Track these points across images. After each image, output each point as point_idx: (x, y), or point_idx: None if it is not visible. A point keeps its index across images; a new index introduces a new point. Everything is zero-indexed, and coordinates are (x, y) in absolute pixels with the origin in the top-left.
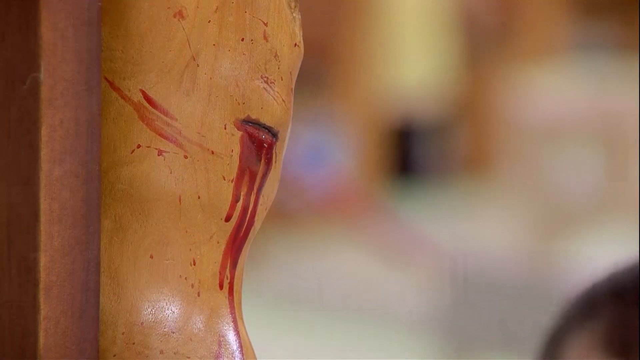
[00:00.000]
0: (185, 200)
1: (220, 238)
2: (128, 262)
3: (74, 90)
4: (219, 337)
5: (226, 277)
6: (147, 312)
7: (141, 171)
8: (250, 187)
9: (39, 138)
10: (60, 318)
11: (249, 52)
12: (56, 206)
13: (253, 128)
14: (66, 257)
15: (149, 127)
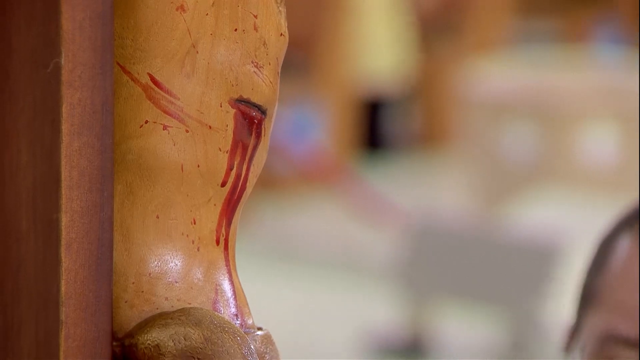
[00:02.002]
0: (186, 169)
1: (217, 201)
2: (137, 222)
3: (90, 73)
4: (215, 286)
5: (222, 235)
6: (154, 265)
7: (149, 143)
8: (243, 157)
9: (60, 115)
10: (79, 270)
11: (241, 41)
12: (75, 173)
13: (245, 106)
14: (84, 218)
15: (155, 106)
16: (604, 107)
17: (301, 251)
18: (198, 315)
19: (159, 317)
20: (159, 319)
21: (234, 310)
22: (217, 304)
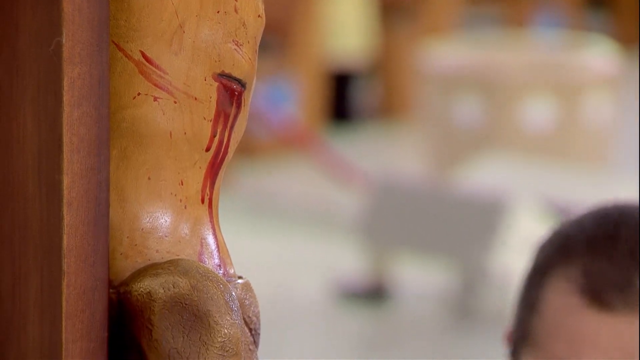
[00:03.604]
0: (174, 135)
1: (202, 164)
2: (131, 183)
3: (88, 50)
4: (201, 239)
5: (206, 194)
6: (146, 221)
7: (141, 113)
8: (225, 125)
9: (61, 87)
10: (79, 225)
11: (223, 22)
12: (75, 139)
13: (227, 80)
14: (83, 179)
15: (146, 79)
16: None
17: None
18: (185, 265)
19: (151, 268)
20: (150, 269)
21: (218, 261)
22: (202, 255)
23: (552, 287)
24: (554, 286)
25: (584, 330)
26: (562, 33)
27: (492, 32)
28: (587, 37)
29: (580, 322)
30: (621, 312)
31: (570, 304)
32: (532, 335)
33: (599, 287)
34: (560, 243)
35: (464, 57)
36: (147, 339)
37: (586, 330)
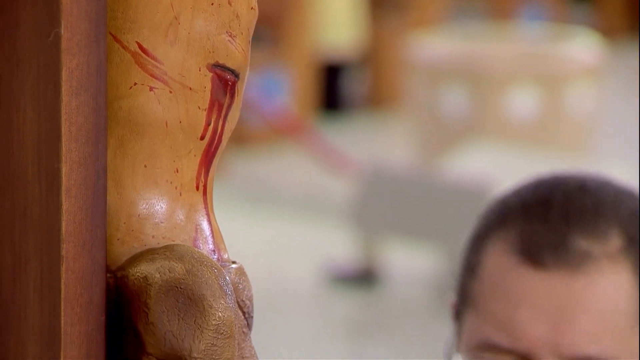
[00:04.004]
0: (170, 124)
1: (197, 152)
2: (128, 170)
3: (86, 41)
4: (196, 225)
5: (201, 181)
6: (142, 207)
7: (137, 102)
8: (219, 115)
9: (60, 77)
10: (77, 212)
11: (217, 14)
12: (73, 128)
13: (220, 70)
14: (81, 167)
15: (142, 70)
16: (527, 72)
17: (269, 195)
18: (181, 251)
19: (147, 253)
20: (147, 254)
21: (212, 246)
22: (197, 241)
23: (490, 250)
24: (492, 249)
25: (519, 288)
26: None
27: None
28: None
29: (515, 281)
30: (554, 270)
31: (506, 264)
32: (472, 298)
33: (534, 246)
34: (498, 209)
35: (451, 48)
36: (143, 322)
37: (521, 287)
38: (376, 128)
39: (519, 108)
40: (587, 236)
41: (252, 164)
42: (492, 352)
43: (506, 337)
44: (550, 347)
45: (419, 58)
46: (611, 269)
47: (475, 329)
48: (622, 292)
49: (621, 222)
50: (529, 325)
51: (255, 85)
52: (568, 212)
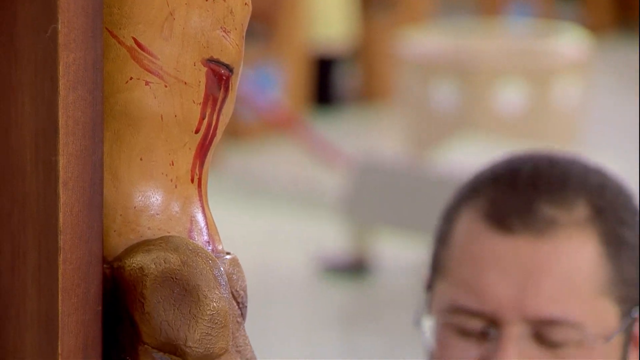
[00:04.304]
0: (165, 118)
1: (192, 145)
2: (124, 163)
3: (83, 37)
4: (191, 217)
5: (196, 174)
6: (138, 200)
7: (133, 97)
8: (213, 108)
9: (57, 72)
10: (74, 204)
11: (212, 9)
12: (70, 122)
13: (215, 65)
14: (78, 159)
15: (138, 65)
16: (515, 67)
17: (263, 187)
18: (176, 242)
19: (143, 244)
20: (143, 245)
21: (207, 237)
22: (192, 232)
23: (461, 219)
24: (462, 218)
25: (486, 252)
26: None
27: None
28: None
29: (483, 245)
30: (521, 234)
31: (475, 230)
32: (443, 266)
33: (501, 212)
34: (470, 181)
35: (441, 44)
36: (139, 312)
37: (488, 251)
38: (367, 122)
39: (507, 102)
40: (553, 204)
41: (246, 157)
42: (460, 314)
43: (473, 300)
44: (515, 309)
45: (409, 53)
46: (577, 236)
47: (445, 293)
48: (588, 259)
49: (588, 193)
50: (495, 288)
51: (248, 80)
52: (536, 181)
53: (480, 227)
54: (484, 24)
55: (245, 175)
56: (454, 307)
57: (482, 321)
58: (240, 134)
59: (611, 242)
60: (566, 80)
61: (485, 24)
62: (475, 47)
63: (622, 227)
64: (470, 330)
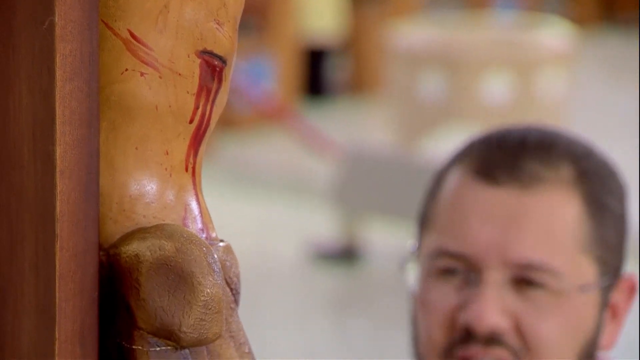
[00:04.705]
0: (160, 108)
1: (186, 135)
2: (120, 153)
3: (79, 29)
4: (185, 205)
5: (190, 163)
6: (134, 188)
7: (128, 88)
8: (207, 99)
9: (54, 63)
10: (71, 192)
11: (206, 2)
12: (67, 112)
13: (208, 57)
14: (75, 149)
15: (134, 56)
16: (501, 58)
17: (256, 176)
18: (171, 230)
19: (138, 232)
20: (138, 233)
21: (200, 225)
22: (186, 220)
23: (450, 177)
24: (451, 176)
25: (471, 200)
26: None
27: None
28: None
29: (468, 195)
30: (506, 186)
31: (463, 184)
32: (430, 219)
33: (489, 166)
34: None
35: (429, 36)
36: (135, 298)
37: (473, 200)
38: (357, 112)
39: (493, 93)
40: (541, 162)
41: (239, 147)
42: (444, 257)
43: (456, 243)
44: (496, 253)
45: (398, 45)
46: (561, 192)
47: (431, 241)
48: (570, 214)
49: (575, 157)
50: (478, 232)
51: (242, 72)
52: (525, 143)
53: (468, 180)
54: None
55: (239, 164)
56: (438, 251)
57: (464, 265)
58: (234, 124)
59: (594, 205)
60: (551, 72)
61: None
62: (463, 39)
63: (606, 194)
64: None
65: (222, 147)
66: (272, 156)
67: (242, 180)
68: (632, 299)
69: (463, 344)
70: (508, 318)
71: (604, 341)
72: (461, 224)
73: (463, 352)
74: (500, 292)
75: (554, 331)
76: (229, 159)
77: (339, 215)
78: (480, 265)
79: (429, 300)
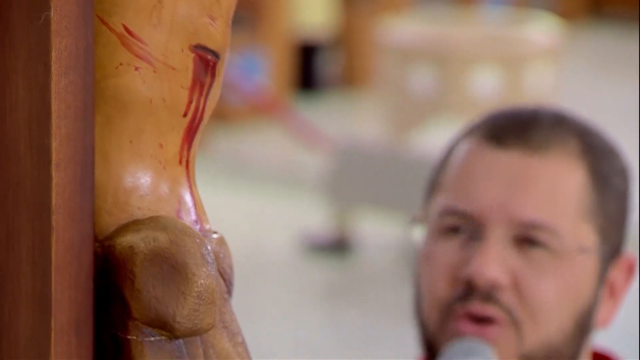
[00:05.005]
0: (154, 102)
1: (180, 129)
2: (114, 146)
3: (75, 24)
4: (179, 198)
5: (184, 156)
6: (128, 181)
7: (123, 82)
8: (200, 93)
9: (50, 58)
10: (66, 185)
11: None
12: (63, 106)
13: (202, 51)
14: (70, 142)
15: (128, 51)
16: (489, 53)
17: (249, 169)
18: (165, 222)
19: (133, 224)
20: (132, 225)
21: (194, 217)
22: (180, 212)
23: (460, 145)
24: (463, 144)
25: (478, 162)
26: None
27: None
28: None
29: (478, 157)
30: (514, 148)
31: (472, 149)
32: (439, 183)
33: (499, 132)
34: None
35: (419, 31)
36: (129, 289)
37: (481, 162)
38: (349, 106)
39: (482, 87)
40: (549, 132)
41: (232, 140)
42: (450, 215)
43: (462, 201)
44: (500, 211)
45: (389, 40)
46: (567, 161)
47: (438, 202)
48: (575, 182)
49: (582, 133)
50: (483, 191)
51: (235, 66)
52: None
53: (478, 146)
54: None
55: (232, 157)
56: (445, 209)
57: (469, 223)
58: (227, 118)
59: (598, 178)
60: (539, 67)
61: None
62: (452, 34)
63: (610, 170)
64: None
65: (215, 141)
66: (265, 149)
67: (236, 172)
68: (631, 280)
69: (463, 300)
70: (508, 274)
71: (601, 317)
72: (468, 184)
73: (463, 308)
74: (502, 248)
75: (551, 291)
76: (223, 152)
77: (331, 208)
78: (484, 222)
79: (434, 256)
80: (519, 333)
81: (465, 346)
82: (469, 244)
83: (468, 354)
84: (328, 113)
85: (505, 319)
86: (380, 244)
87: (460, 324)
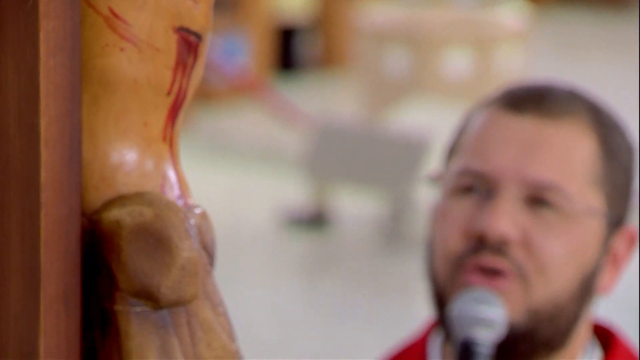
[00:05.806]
0: (139, 82)
1: (164, 107)
2: (101, 124)
3: (62, 6)
4: (163, 174)
5: (167, 134)
6: (114, 158)
7: (109, 62)
8: (183, 73)
9: (38, 39)
10: (55, 162)
11: None
12: (51, 86)
13: (185, 33)
14: (59, 121)
15: (114, 32)
16: (461, 35)
17: (230, 146)
18: (150, 197)
19: (119, 199)
20: (119, 200)
21: (178, 192)
22: (165, 188)
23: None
24: (481, 113)
25: (496, 127)
26: None
27: None
28: None
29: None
30: (529, 114)
31: (490, 115)
32: (457, 148)
33: (515, 99)
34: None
35: (394, 14)
36: (116, 262)
37: (496, 126)
38: (327, 86)
39: (454, 68)
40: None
41: (214, 119)
42: (466, 175)
43: (478, 162)
44: (513, 172)
45: (365, 23)
46: (579, 129)
47: (455, 164)
48: (586, 149)
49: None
50: (498, 152)
51: (217, 47)
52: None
53: (495, 113)
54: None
55: (214, 135)
56: (461, 170)
57: (484, 183)
58: (210, 97)
59: (607, 150)
60: (508, 48)
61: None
62: (426, 17)
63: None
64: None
65: (198, 119)
66: (246, 127)
67: (218, 150)
68: (632, 250)
69: (474, 253)
70: (518, 231)
71: (603, 284)
72: (485, 146)
73: (473, 261)
74: (513, 206)
75: (559, 249)
76: (205, 131)
77: (309, 183)
78: (497, 182)
79: (448, 213)
80: (527, 288)
81: (475, 295)
82: (482, 202)
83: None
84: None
85: (514, 273)
86: (356, 219)
87: (471, 275)
